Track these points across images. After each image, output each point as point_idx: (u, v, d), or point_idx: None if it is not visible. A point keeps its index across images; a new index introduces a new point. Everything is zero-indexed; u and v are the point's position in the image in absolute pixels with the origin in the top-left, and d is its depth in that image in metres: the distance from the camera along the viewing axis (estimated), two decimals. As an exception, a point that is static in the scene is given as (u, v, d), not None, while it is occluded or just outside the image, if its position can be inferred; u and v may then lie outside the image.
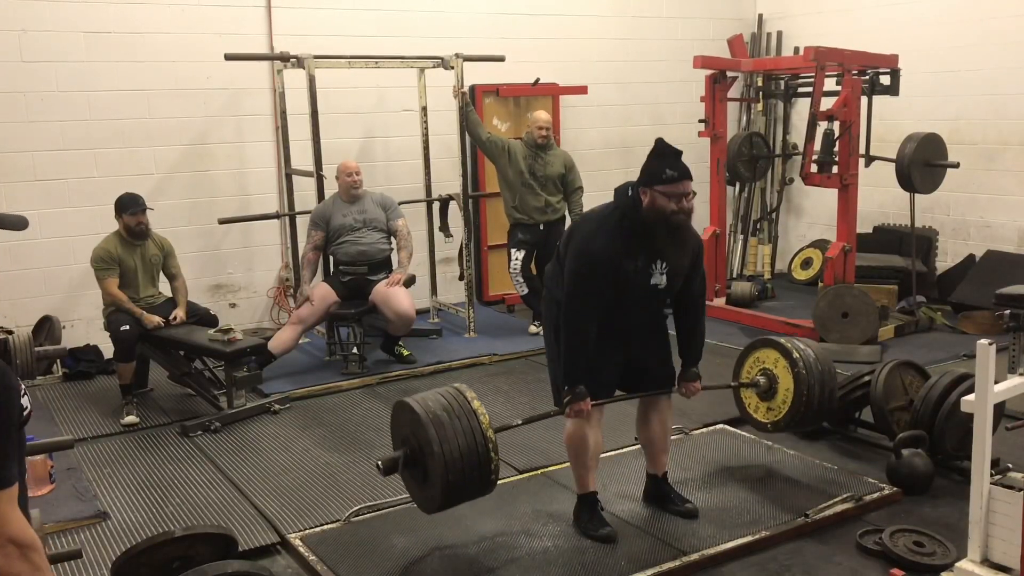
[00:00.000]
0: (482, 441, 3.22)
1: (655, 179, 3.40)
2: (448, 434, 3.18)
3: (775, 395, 4.14)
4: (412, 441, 3.30)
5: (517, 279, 6.78)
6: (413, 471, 3.35)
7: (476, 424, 3.23)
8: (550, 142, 6.67)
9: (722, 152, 7.44)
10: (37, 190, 6.23)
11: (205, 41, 6.57)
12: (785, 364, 4.08)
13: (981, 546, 3.13)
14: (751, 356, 4.29)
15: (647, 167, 3.46)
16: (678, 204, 3.41)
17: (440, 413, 3.22)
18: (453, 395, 3.33)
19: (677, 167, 3.41)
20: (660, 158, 3.45)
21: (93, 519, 3.98)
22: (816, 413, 4.08)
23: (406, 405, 3.32)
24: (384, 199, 6.25)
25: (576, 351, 3.48)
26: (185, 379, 5.50)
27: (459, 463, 3.18)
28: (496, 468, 3.28)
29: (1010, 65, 7.22)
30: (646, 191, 3.42)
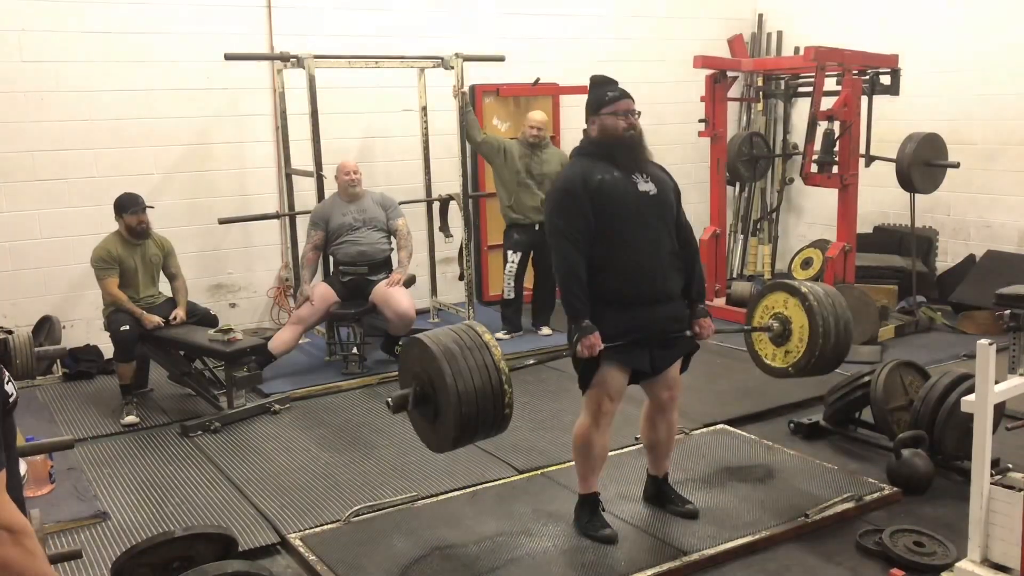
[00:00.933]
0: (495, 373, 3.13)
1: (599, 104, 3.54)
2: (461, 367, 3.09)
3: (790, 336, 4.07)
4: (423, 376, 3.19)
5: (509, 283, 6.78)
6: (423, 409, 3.24)
7: (489, 357, 3.15)
8: (544, 141, 6.67)
9: (722, 152, 7.44)
10: (37, 190, 6.23)
11: (205, 41, 6.57)
12: (795, 302, 4.04)
13: (981, 546, 3.13)
14: (760, 304, 4.24)
15: (588, 100, 3.61)
16: (626, 121, 3.51)
17: (452, 346, 3.14)
18: (464, 330, 3.25)
19: (616, 89, 3.57)
20: (598, 86, 3.61)
21: (93, 519, 3.98)
22: (834, 348, 4.00)
23: (417, 341, 3.22)
24: (384, 199, 6.25)
25: (572, 286, 3.43)
26: (185, 379, 5.50)
27: (472, 396, 3.08)
28: (510, 402, 3.17)
29: (1010, 65, 7.22)
30: (594, 120, 3.56)
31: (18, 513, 1.66)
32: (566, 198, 3.47)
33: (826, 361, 4.06)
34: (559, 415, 5.11)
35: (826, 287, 4.16)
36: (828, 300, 4.02)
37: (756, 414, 5.15)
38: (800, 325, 4.04)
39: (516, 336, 6.78)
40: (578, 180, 3.47)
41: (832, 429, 4.76)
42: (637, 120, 3.57)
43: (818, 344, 3.96)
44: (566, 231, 3.45)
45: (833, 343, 3.99)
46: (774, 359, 4.19)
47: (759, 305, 4.25)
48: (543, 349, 6.24)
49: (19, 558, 1.63)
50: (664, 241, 3.55)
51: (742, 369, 5.92)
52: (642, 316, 3.50)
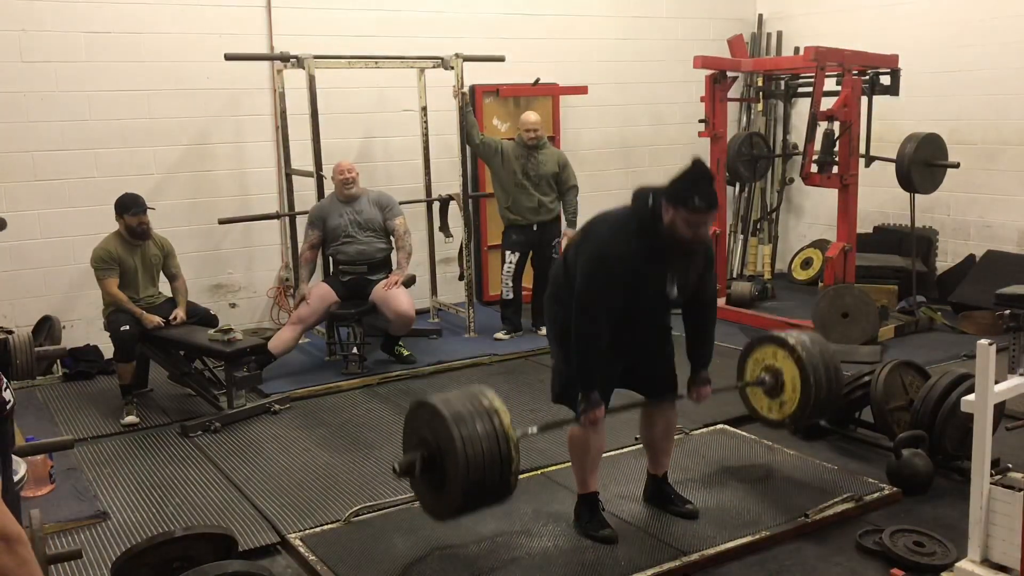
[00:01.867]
0: (504, 440, 3.09)
1: (681, 202, 3.24)
2: (471, 432, 3.04)
3: (783, 388, 4.09)
4: (431, 442, 3.15)
5: (507, 283, 6.78)
6: (430, 475, 3.19)
7: (500, 424, 3.11)
8: (541, 142, 6.67)
9: (722, 152, 7.44)
10: (37, 190, 6.23)
11: (205, 41, 6.57)
12: (784, 354, 4.05)
13: (981, 546, 3.13)
14: (750, 358, 4.27)
15: (678, 186, 3.27)
16: (696, 232, 3.31)
17: (464, 414, 3.09)
18: (473, 395, 3.22)
19: (707, 197, 3.24)
20: (693, 183, 3.26)
21: (93, 519, 3.98)
22: (827, 396, 4.01)
23: (427, 404, 3.19)
24: (381, 198, 6.23)
25: (589, 357, 3.44)
26: (185, 379, 5.50)
27: (480, 464, 3.04)
28: (516, 469, 3.14)
29: (1010, 65, 7.22)
30: (669, 209, 3.28)
31: (13, 521, 1.66)
32: (607, 269, 3.37)
33: (821, 408, 4.09)
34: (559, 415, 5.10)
35: (812, 335, 4.16)
36: (816, 348, 4.02)
37: (756, 414, 5.14)
38: (792, 377, 4.05)
39: (516, 336, 6.78)
40: (623, 254, 3.36)
41: (832, 429, 4.76)
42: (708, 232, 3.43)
43: (811, 394, 3.98)
44: (598, 301, 3.39)
45: (825, 390, 4.01)
46: (770, 411, 4.21)
47: (749, 358, 4.27)
48: (543, 349, 6.24)
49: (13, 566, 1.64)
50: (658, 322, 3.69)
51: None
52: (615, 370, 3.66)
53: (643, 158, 8.70)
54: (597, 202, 8.17)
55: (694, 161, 3.31)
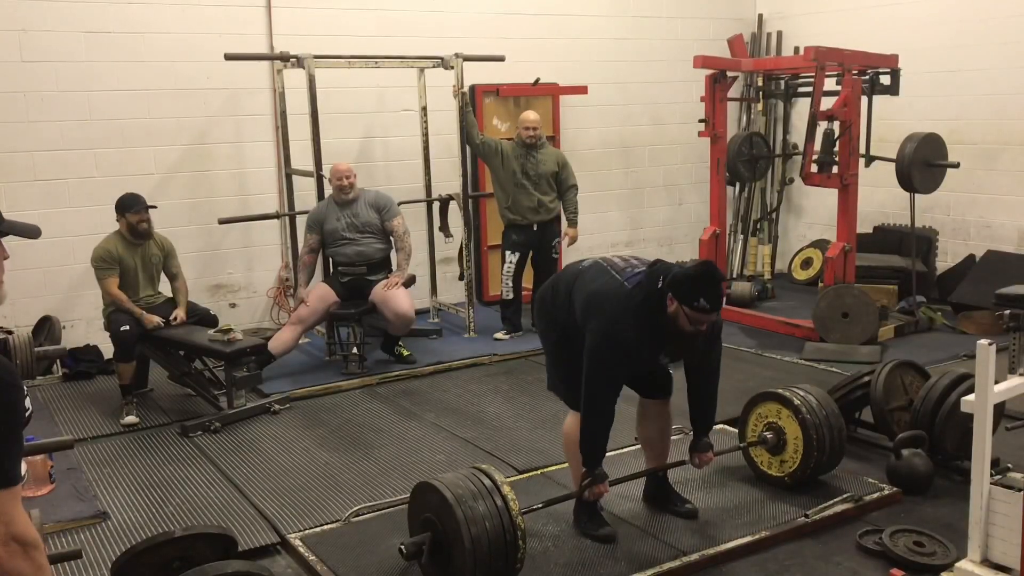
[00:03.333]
0: (511, 529, 3.12)
1: (686, 301, 3.26)
2: (478, 523, 3.08)
3: (785, 447, 4.07)
4: (437, 526, 3.20)
5: (507, 283, 6.78)
6: (436, 558, 3.24)
7: (506, 511, 3.13)
8: (540, 141, 6.67)
9: (722, 152, 7.44)
10: (37, 190, 6.23)
11: (205, 41, 6.57)
12: (788, 413, 4.04)
13: (981, 546, 3.13)
14: (753, 413, 4.23)
15: (685, 283, 3.28)
16: (698, 327, 3.32)
17: (471, 503, 3.11)
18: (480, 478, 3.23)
19: (713, 300, 3.26)
20: (701, 284, 3.26)
21: (93, 519, 3.98)
22: (830, 456, 4.02)
23: (433, 488, 3.21)
24: (378, 199, 6.20)
25: (597, 432, 3.48)
26: (185, 379, 5.50)
27: (486, 553, 3.08)
28: (522, 556, 3.18)
29: (1010, 65, 7.22)
30: (674, 302, 3.29)
31: (32, 527, 1.69)
32: (619, 350, 3.37)
33: (822, 467, 4.08)
34: (559, 415, 5.08)
35: (818, 393, 4.14)
36: (822, 411, 4.01)
37: (756, 414, 5.13)
38: (795, 437, 4.03)
39: (516, 336, 6.78)
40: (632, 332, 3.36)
41: (832, 429, 4.75)
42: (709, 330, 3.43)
43: (813, 456, 3.98)
44: (610, 380, 3.43)
45: (828, 451, 4.01)
46: (770, 467, 4.18)
47: (752, 413, 4.24)
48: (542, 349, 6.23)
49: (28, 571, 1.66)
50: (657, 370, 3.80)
51: (742, 369, 5.93)
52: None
53: (643, 158, 8.70)
54: (597, 202, 8.26)
55: (705, 263, 3.40)
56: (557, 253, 6.85)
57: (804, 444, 3.99)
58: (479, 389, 5.78)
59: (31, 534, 1.68)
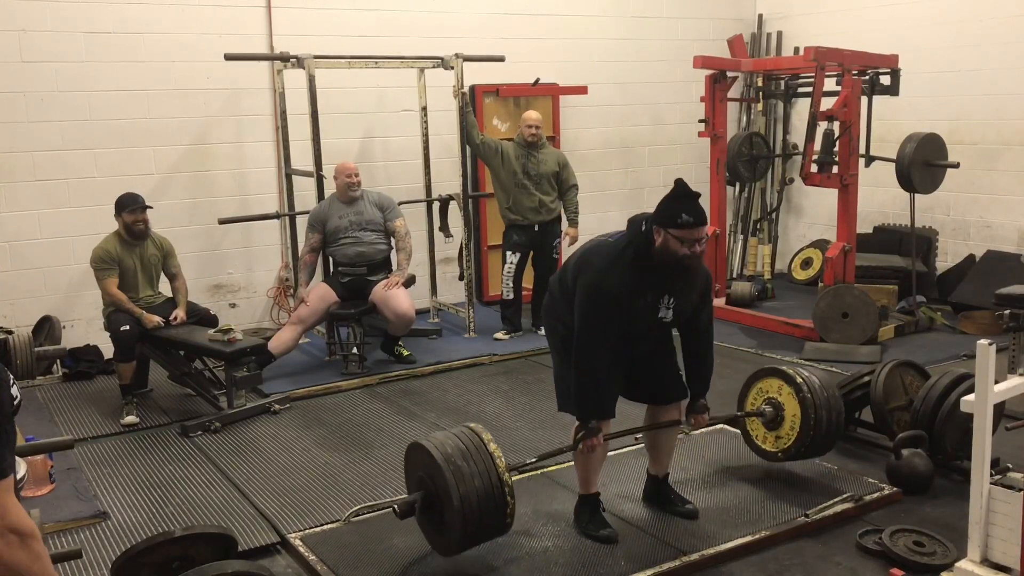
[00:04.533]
0: (498, 485, 3.23)
1: (669, 222, 3.30)
2: (466, 482, 3.18)
3: (782, 423, 4.09)
4: (429, 485, 3.30)
5: (507, 283, 6.79)
6: (429, 515, 3.36)
7: (493, 468, 3.23)
8: (541, 141, 6.67)
9: (722, 152, 7.44)
10: (37, 190, 6.23)
11: (205, 41, 6.57)
12: (790, 391, 4.06)
13: (981, 546, 3.13)
14: (754, 387, 4.26)
15: (663, 208, 3.34)
16: (690, 249, 3.33)
17: (459, 461, 3.21)
18: (469, 437, 3.30)
19: (693, 212, 3.30)
20: (677, 201, 3.33)
21: (93, 519, 3.98)
22: (825, 438, 4.04)
23: (423, 448, 3.30)
24: (381, 199, 6.24)
25: (588, 386, 3.47)
26: (185, 379, 5.50)
27: (476, 510, 3.19)
28: (512, 512, 3.30)
29: (1010, 65, 7.22)
30: (659, 231, 3.33)
31: (27, 517, 1.68)
32: (606, 300, 3.39)
33: (816, 449, 4.10)
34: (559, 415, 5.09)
35: (821, 376, 4.15)
36: (823, 392, 4.03)
37: (756, 414, 5.14)
38: (793, 414, 4.06)
39: (516, 336, 6.78)
40: (617, 285, 3.38)
41: (832, 429, 4.75)
42: (704, 245, 3.42)
43: (809, 436, 4.00)
44: (598, 332, 3.42)
45: (824, 433, 4.02)
46: (764, 441, 4.20)
47: (753, 387, 4.26)
48: (542, 349, 6.24)
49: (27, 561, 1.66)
50: (657, 350, 3.72)
51: (742, 369, 5.91)
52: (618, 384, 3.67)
53: (643, 158, 8.70)
54: (597, 202, 8.26)
55: (676, 182, 3.39)
56: (558, 253, 6.85)
57: (801, 423, 4.01)
58: (479, 389, 5.78)
59: (27, 524, 1.68)
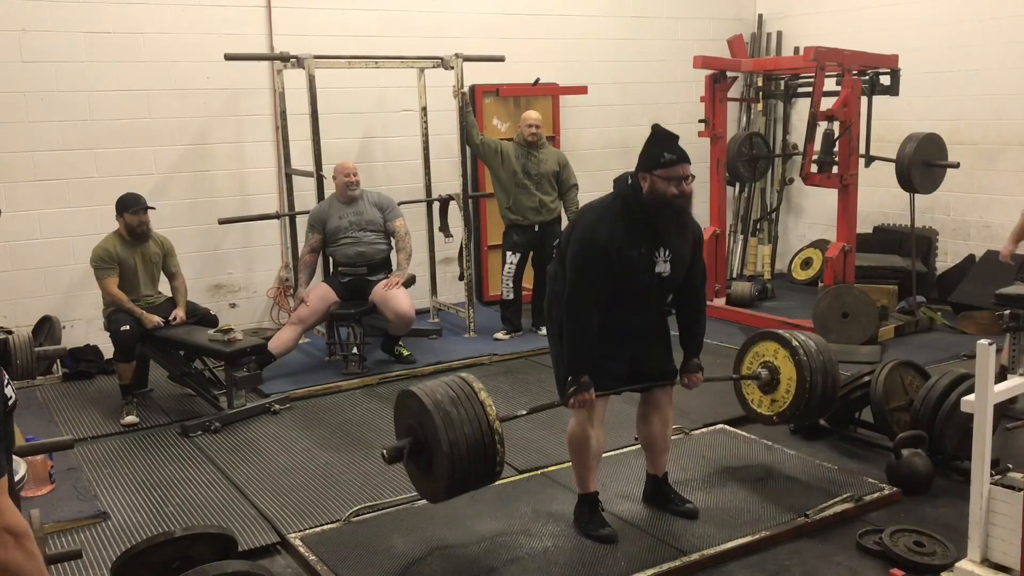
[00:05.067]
0: (488, 433, 3.19)
1: (653, 164, 3.39)
2: (455, 427, 3.14)
3: (777, 386, 4.11)
4: (418, 431, 3.26)
5: (507, 283, 6.79)
6: (418, 461, 3.32)
7: (483, 416, 3.20)
8: (541, 140, 6.67)
9: (722, 152, 7.44)
10: (37, 190, 6.23)
11: (205, 41, 6.57)
12: (785, 354, 4.07)
13: (981, 546, 3.13)
14: (750, 351, 4.28)
15: (645, 152, 3.44)
16: (678, 187, 3.39)
17: (448, 407, 3.18)
18: (459, 385, 3.29)
19: (675, 150, 3.40)
20: (658, 143, 3.44)
21: (93, 519, 3.98)
22: (820, 402, 4.05)
23: (412, 395, 3.28)
24: (381, 199, 6.24)
25: (579, 340, 3.46)
26: (185, 379, 5.50)
27: (465, 456, 3.15)
28: (501, 459, 3.25)
29: (1010, 65, 7.22)
30: (645, 177, 3.41)
31: (20, 517, 1.69)
32: (594, 255, 3.41)
33: (811, 412, 4.12)
34: (559, 415, 5.07)
35: (818, 340, 4.16)
36: (819, 356, 4.04)
37: (756, 414, 5.14)
38: (788, 377, 4.07)
39: (516, 336, 6.78)
40: (609, 243, 3.40)
41: (832, 429, 4.75)
42: (691, 185, 3.44)
43: (804, 399, 4.01)
44: (586, 288, 3.43)
45: (820, 397, 4.03)
46: (760, 405, 4.23)
47: (749, 351, 4.28)
48: (543, 349, 6.24)
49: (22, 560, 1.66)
50: (656, 309, 3.68)
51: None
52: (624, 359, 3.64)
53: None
54: (597, 202, 8.24)
55: (653, 127, 3.51)
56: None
57: (796, 386, 4.01)
58: (479, 389, 5.77)
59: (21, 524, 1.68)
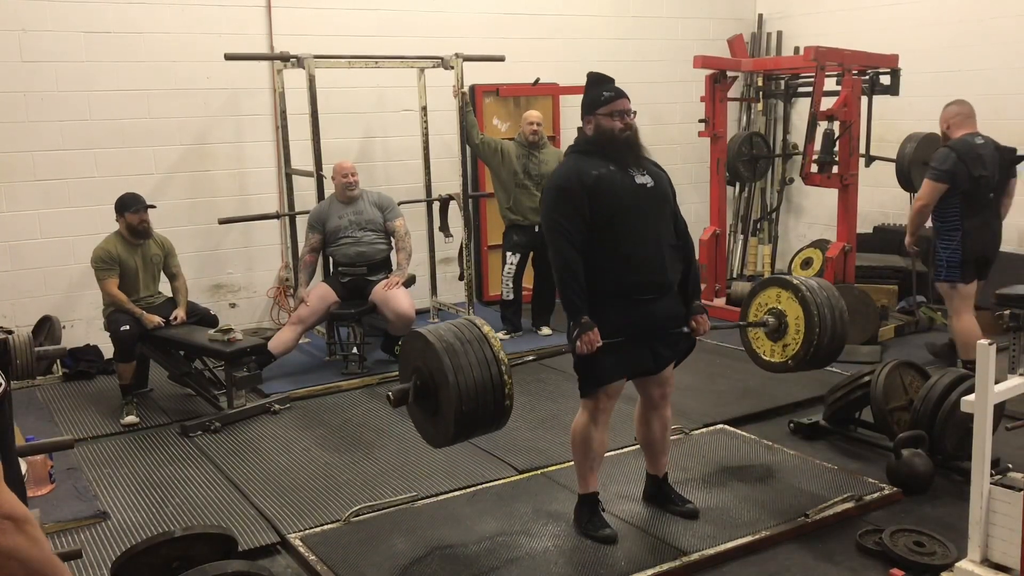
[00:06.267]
0: (495, 365, 3.11)
1: (595, 104, 3.53)
2: (461, 361, 3.08)
3: (786, 330, 4.05)
4: (424, 371, 3.19)
5: (507, 284, 6.78)
6: (423, 403, 3.24)
7: (488, 350, 3.14)
8: (542, 140, 6.67)
9: (722, 152, 7.44)
10: (37, 190, 6.23)
11: (205, 41, 6.57)
12: (788, 295, 4.02)
13: (981, 546, 3.13)
14: (754, 302, 4.22)
15: (586, 96, 3.58)
16: (622, 121, 3.50)
17: (453, 341, 3.12)
18: (465, 325, 3.24)
19: (612, 88, 3.55)
20: (594, 85, 3.59)
21: (93, 519, 3.98)
22: (831, 337, 3.96)
23: (418, 335, 3.22)
24: (381, 199, 6.24)
25: (569, 283, 3.44)
26: (185, 379, 5.50)
27: (472, 389, 3.07)
28: (511, 393, 3.15)
29: (1010, 65, 7.22)
30: (590, 119, 3.54)
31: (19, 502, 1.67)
32: (562, 195, 3.47)
33: (825, 351, 4.01)
34: (559, 415, 5.11)
35: (819, 280, 4.14)
36: (822, 292, 4.00)
37: (756, 414, 5.14)
38: (796, 317, 4.01)
39: (516, 336, 6.78)
40: (574, 177, 3.47)
41: (832, 429, 4.75)
42: (633, 119, 3.56)
43: (815, 333, 3.94)
44: (563, 229, 3.44)
45: (830, 332, 3.96)
46: (772, 354, 4.15)
47: (752, 303, 4.23)
48: (543, 349, 6.23)
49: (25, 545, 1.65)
50: (664, 233, 3.58)
51: (742, 369, 5.92)
52: (641, 312, 3.52)
53: (643, 158, 8.69)
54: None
55: (587, 74, 3.68)
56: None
57: (806, 322, 3.95)
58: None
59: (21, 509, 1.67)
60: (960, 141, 5.27)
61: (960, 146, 5.24)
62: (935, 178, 5.25)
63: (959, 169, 5.20)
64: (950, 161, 5.21)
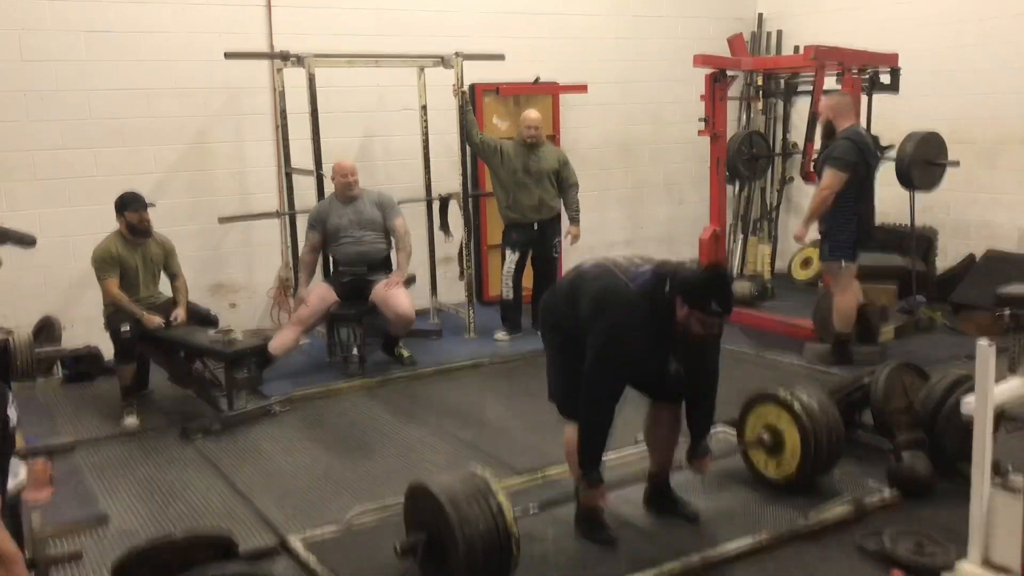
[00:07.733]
0: (505, 537, 3.11)
1: (698, 305, 3.26)
2: (470, 530, 3.07)
3: (782, 449, 4.07)
4: (433, 531, 3.20)
5: (507, 283, 6.78)
6: (431, 561, 3.24)
7: (500, 518, 3.12)
8: (540, 141, 6.66)
9: (722, 151, 7.42)
10: (37, 190, 6.23)
11: (205, 40, 6.56)
12: (788, 418, 4.04)
13: (981, 549, 3.13)
14: (752, 413, 4.23)
15: (696, 287, 3.27)
16: (707, 331, 3.34)
17: (464, 508, 3.10)
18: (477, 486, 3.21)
19: (725, 304, 3.27)
20: (712, 288, 3.27)
21: (93, 522, 3.97)
22: (826, 462, 4.04)
23: (428, 493, 3.20)
24: (381, 198, 6.23)
25: (594, 434, 3.47)
26: (185, 380, 5.49)
27: (480, 560, 3.08)
28: (516, 563, 3.18)
29: (1010, 64, 7.22)
30: (684, 307, 3.28)
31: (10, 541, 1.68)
32: (625, 349, 3.36)
33: (818, 472, 4.09)
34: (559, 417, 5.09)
35: (820, 399, 4.13)
36: (823, 418, 4.01)
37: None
38: (793, 441, 4.03)
39: (516, 337, 6.77)
40: (640, 337, 3.35)
41: (832, 430, 4.74)
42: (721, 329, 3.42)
43: (810, 462, 3.99)
44: (611, 380, 3.42)
45: (826, 457, 4.03)
46: (766, 468, 4.17)
47: (751, 414, 4.24)
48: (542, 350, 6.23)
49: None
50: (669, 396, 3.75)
51: (742, 370, 5.93)
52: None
53: (643, 157, 8.69)
54: (597, 201, 8.25)
55: (714, 267, 3.49)
56: (557, 252, 6.85)
57: (802, 450, 3.99)
58: (479, 391, 5.78)
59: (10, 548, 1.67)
60: (854, 132, 5.70)
61: (856, 138, 5.68)
62: (841, 168, 5.61)
63: (859, 159, 5.63)
64: (854, 152, 5.59)
